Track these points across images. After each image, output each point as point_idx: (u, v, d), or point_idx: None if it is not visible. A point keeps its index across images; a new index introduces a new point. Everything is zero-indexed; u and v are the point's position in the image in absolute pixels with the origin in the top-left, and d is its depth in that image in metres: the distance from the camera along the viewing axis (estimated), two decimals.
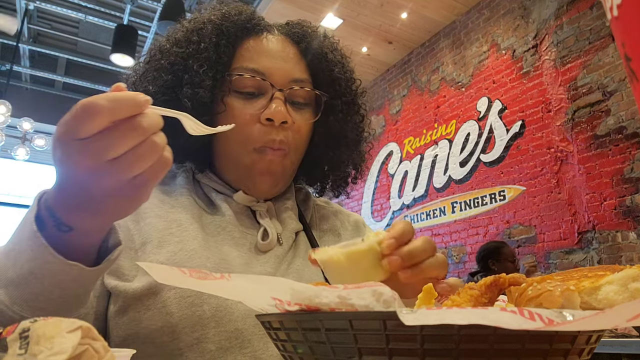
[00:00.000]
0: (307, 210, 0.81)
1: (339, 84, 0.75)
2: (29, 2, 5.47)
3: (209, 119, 0.69)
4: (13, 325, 0.24)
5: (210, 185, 0.73)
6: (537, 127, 4.11)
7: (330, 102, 0.74)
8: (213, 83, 0.67)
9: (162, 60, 0.69)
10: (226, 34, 0.70)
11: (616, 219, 3.42)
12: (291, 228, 0.73)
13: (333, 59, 0.75)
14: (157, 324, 0.55)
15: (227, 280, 0.29)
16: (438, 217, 5.03)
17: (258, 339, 0.57)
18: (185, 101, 0.66)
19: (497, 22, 4.68)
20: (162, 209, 0.65)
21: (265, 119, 0.67)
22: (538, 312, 0.22)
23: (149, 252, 0.60)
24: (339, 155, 0.77)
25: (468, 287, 0.31)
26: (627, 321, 0.21)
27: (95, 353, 0.24)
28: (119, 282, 0.59)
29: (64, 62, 7.09)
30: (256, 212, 0.72)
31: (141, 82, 0.70)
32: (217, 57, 0.68)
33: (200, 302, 0.56)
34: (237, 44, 0.71)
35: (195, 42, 0.69)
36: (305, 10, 4.89)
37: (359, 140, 0.80)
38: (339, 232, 0.81)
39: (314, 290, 0.27)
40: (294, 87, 0.70)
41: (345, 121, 0.76)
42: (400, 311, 0.22)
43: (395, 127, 5.91)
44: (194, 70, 0.67)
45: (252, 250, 0.67)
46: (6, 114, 5.16)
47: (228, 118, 0.68)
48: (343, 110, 0.75)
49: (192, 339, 0.55)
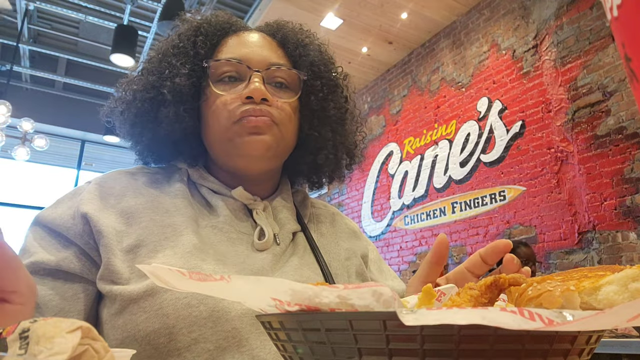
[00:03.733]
0: (304, 211, 0.80)
1: (318, 67, 0.76)
2: (29, 2, 5.47)
3: (190, 109, 0.70)
4: (13, 325, 0.24)
5: (206, 186, 0.72)
6: (537, 127, 4.11)
7: (311, 82, 0.75)
8: (190, 72, 0.70)
9: (147, 64, 0.73)
10: (204, 33, 0.73)
11: (616, 219, 3.42)
12: (288, 228, 0.72)
13: (310, 44, 0.77)
14: (154, 325, 0.55)
15: (227, 281, 0.29)
16: (438, 217, 5.03)
17: (255, 338, 0.57)
18: (165, 93, 0.68)
19: (497, 22, 4.68)
20: (157, 213, 0.65)
21: (245, 98, 0.68)
22: (538, 312, 0.22)
23: (143, 256, 0.60)
24: (324, 134, 0.76)
25: (468, 287, 0.31)
26: (627, 321, 0.21)
27: (95, 353, 0.24)
28: (113, 286, 0.58)
29: (64, 62, 7.10)
30: (253, 211, 0.72)
31: (129, 85, 0.73)
32: (194, 52, 0.71)
33: (197, 303, 0.56)
34: (215, 41, 0.74)
35: (174, 42, 0.72)
36: (305, 10, 4.89)
37: (343, 118, 0.78)
38: (337, 234, 0.81)
39: (314, 290, 0.27)
40: (272, 68, 0.71)
41: (326, 100, 0.76)
42: (400, 311, 0.22)
43: (396, 127, 5.92)
44: (172, 64, 0.70)
45: (249, 249, 0.67)
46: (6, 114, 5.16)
47: (209, 105, 0.70)
48: (324, 90, 0.76)
49: (190, 340, 0.55)
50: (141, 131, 0.72)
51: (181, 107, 0.69)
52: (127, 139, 0.76)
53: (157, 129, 0.71)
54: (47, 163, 7.93)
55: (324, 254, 0.73)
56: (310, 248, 0.73)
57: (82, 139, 7.86)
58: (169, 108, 0.69)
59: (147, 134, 0.72)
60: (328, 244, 0.76)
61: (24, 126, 5.71)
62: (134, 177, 0.71)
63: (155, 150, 0.76)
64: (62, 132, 7.46)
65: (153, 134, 0.72)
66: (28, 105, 6.78)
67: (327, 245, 0.76)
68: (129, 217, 0.64)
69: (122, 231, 0.62)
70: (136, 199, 0.66)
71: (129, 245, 0.61)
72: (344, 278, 0.72)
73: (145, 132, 0.72)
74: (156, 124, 0.71)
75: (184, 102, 0.69)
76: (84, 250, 0.61)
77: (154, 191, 0.69)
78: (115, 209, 0.64)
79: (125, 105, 0.72)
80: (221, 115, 0.68)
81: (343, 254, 0.76)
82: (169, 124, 0.69)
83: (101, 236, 0.60)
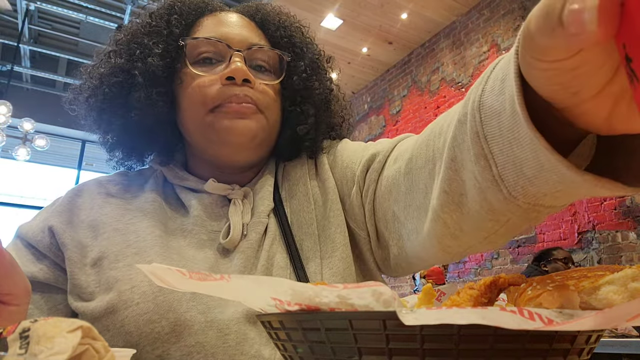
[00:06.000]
0: (283, 183, 0.72)
1: (300, 49, 0.71)
2: (29, 3, 5.47)
3: (163, 93, 0.65)
4: (13, 325, 0.24)
5: (181, 185, 0.68)
6: None
7: (294, 63, 0.70)
8: (164, 52, 0.64)
9: (115, 46, 0.67)
10: (178, 12, 0.67)
11: (616, 219, 3.42)
12: (261, 211, 0.65)
13: (290, 26, 0.73)
14: (119, 344, 0.53)
15: (227, 281, 0.29)
16: None
17: (222, 352, 0.54)
18: (136, 75, 0.63)
19: (497, 22, 4.68)
20: (120, 222, 0.62)
21: (225, 79, 0.62)
22: (538, 312, 0.22)
23: (106, 267, 0.58)
24: (306, 110, 0.70)
25: (468, 287, 0.31)
26: (627, 321, 0.21)
27: (96, 353, 0.24)
28: (79, 303, 0.57)
29: (64, 62, 7.10)
30: (231, 201, 0.66)
31: (95, 70, 0.67)
32: (168, 31, 0.65)
33: (158, 318, 0.53)
34: (190, 20, 0.69)
35: (146, 21, 0.67)
36: (305, 10, 4.89)
37: (328, 99, 0.73)
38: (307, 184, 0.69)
39: (314, 290, 0.27)
40: (254, 48, 0.66)
41: (310, 80, 0.71)
42: (400, 311, 0.22)
43: (396, 127, 5.91)
44: (144, 44, 0.64)
45: (217, 254, 0.62)
46: (7, 114, 5.16)
47: (184, 88, 0.64)
48: (307, 71, 0.71)
49: (155, 357, 0.53)
50: (109, 119, 0.67)
51: (153, 90, 0.64)
52: (94, 129, 0.70)
53: (127, 116, 0.65)
54: (47, 163, 7.93)
55: (297, 230, 0.66)
56: (282, 232, 0.66)
57: (82, 139, 7.86)
58: (140, 92, 0.63)
59: (116, 121, 0.66)
60: (300, 211, 0.67)
61: (25, 126, 5.71)
62: (105, 187, 0.68)
63: (126, 143, 0.70)
64: (62, 132, 7.47)
65: (123, 121, 0.66)
66: (29, 105, 6.78)
67: (299, 213, 0.67)
68: (95, 229, 0.62)
69: (88, 245, 0.61)
70: (102, 209, 0.64)
71: (92, 259, 0.59)
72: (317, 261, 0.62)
73: (114, 119, 0.66)
74: (126, 110, 0.65)
75: (156, 85, 0.64)
76: (55, 263, 0.61)
77: (122, 200, 0.66)
78: (84, 223, 0.63)
79: (90, 91, 0.66)
80: (198, 99, 0.63)
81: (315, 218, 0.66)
82: (140, 109, 0.64)
83: (65, 249, 0.60)
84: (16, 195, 7.63)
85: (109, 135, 0.70)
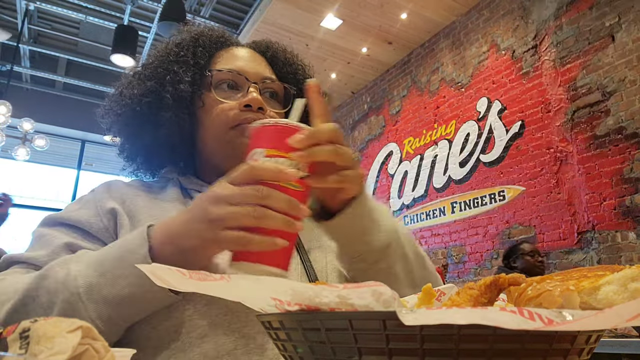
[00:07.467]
0: None
1: (302, 84, 0.83)
2: (29, 3, 5.47)
3: (190, 114, 0.76)
4: (13, 325, 0.24)
5: (197, 190, 0.75)
6: (537, 128, 4.11)
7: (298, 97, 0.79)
8: (192, 80, 0.76)
9: (145, 71, 0.78)
10: (202, 45, 0.79)
11: (616, 219, 3.42)
12: None
13: (294, 64, 0.86)
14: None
15: (227, 281, 0.29)
16: (438, 217, 5.03)
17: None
18: (167, 98, 0.74)
19: (496, 22, 4.68)
20: (154, 209, 0.69)
21: (243, 106, 0.73)
22: (538, 312, 0.22)
23: None
24: None
25: (467, 287, 0.32)
26: (626, 321, 0.21)
27: (96, 353, 0.24)
28: None
29: (64, 62, 7.10)
30: None
31: (127, 89, 0.77)
32: (194, 62, 0.77)
33: None
34: (212, 52, 0.81)
35: (174, 51, 0.78)
36: (305, 10, 4.89)
37: None
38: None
39: (314, 290, 0.27)
40: (266, 82, 0.79)
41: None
42: (400, 311, 0.22)
43: (395, 127, 5.92)
44: (174, 71, 0.76)
45: None
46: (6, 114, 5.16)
47: (207, 110, 0.75)
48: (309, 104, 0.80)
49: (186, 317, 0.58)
50: (137, 132, 0.76)
51: (181, 111, 0.74)
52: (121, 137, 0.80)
53: (156, 131, 0.75)
54: (47, 163, 7.92)
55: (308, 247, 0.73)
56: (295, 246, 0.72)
57: (82, 139, 7.85)
58: (170, 112, 0.74)
59: (145, 135, 0.76)
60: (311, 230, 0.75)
61: (24, 126, 5.71)
62: (130, 185, 0.76)
63: (148, 154, 0.79)
64: (62, 132, 7.46)
65: (151, 135, 0.76)
66: (28, 105, 6.78)
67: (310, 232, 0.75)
68: (132, 218, 0.68)
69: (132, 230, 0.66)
70: (134, 201, 0.71)
71: None
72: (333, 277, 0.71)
73: (142, 134, 0.76)
74: (155, 127, 0.75)
75: (184, 107, 0.75)
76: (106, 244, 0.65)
77: (150, 194, 0.73)
78: (124, 210, 0.69)
79: (122, 107, 0.76)
80: (222, 119, 0.73)
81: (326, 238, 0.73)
82: (169, 127, 0.74)
83: (121, 230, 0.66)
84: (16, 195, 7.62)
85: (132, 147, 0.79)
